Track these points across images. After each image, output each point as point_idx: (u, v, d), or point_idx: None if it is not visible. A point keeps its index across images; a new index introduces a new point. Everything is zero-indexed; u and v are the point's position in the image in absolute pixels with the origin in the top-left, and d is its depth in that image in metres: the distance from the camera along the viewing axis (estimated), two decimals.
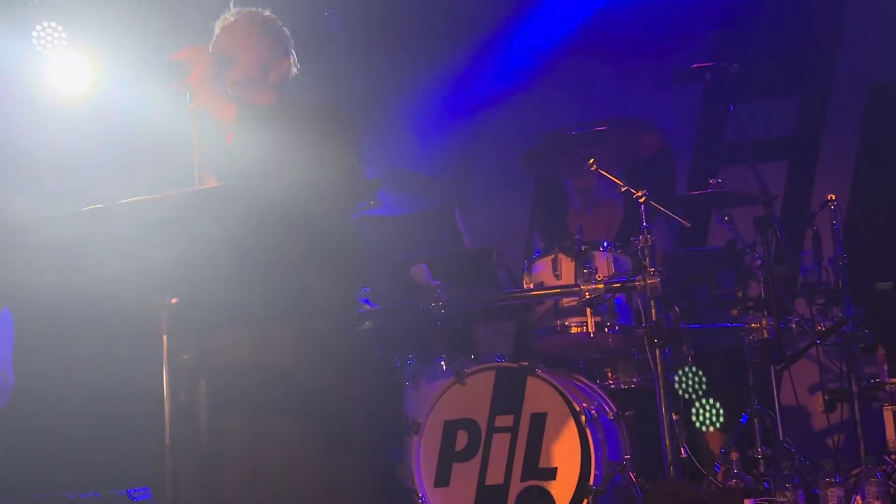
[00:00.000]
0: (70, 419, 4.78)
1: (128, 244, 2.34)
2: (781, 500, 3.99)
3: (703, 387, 4.59)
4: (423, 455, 4.30)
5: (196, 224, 2.33)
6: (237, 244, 2.43)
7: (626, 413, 4.37)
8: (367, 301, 4.83)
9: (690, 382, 4.54)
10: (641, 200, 4.25)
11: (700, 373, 4.56)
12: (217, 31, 3.36)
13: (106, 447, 4.78)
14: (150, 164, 3.58)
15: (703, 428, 4.65)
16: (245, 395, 3.01)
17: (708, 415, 4.67)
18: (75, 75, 4.95)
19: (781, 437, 4.35)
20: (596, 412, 4.20)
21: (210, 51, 3.15)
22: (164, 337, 2.44)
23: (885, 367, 4.80)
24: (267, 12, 3.42)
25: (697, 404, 4.58)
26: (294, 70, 3.38)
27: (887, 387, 4.74)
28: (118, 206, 2.32)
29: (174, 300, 2.41)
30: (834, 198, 4.72)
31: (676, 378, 4.45)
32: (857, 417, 4.57)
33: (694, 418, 4.57)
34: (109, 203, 2.32)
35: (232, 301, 2.62)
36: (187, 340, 2.66)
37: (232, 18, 3.36)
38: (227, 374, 2.92)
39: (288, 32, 3.42)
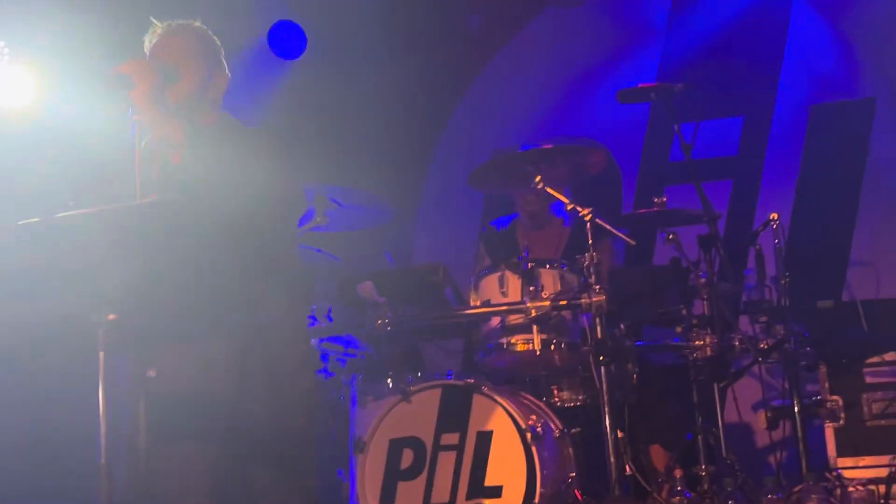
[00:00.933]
0: (6, 435, 4.69)
1: (65, 258, 2.30)
2: None
3: (648, 404, 4.61)
4: (369, 474, 4.27)
5: (136, 238, 2.30)
6: (180, 259, 2.40)
7: (572, 430, 4.37)
8: (312, 318, 4.80)
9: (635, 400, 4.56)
10: (587, 219, 4.27)
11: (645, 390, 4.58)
12: (149, 43, 3.30)
13: (43, 466, 4.69)
14: (92, 178, 3.53)
15: (648, 445, 4.67)
16: (187, 415, 2.96)
17: (652, 432, 4.69)
18: (18, 90, 4.89)
19: (725, 454, 4.38)
20: (542, 430, 4.20)
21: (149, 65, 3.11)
22: (101, 354, 2.40)
23: (827, 385, 4.87)
24: (197, 23, 3.38)
25: (642, 422, 4.59)
26: (226, 85, 3.34)
27: (828, 404, 4.80)
28: (55, 219, 2.29)
29: (112, 316, 2.37)
30: (777, 217, 4.77)
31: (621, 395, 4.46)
32: (799, 434, 4.62)
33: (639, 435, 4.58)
34: (47, 216, 2.28)
35: (175, 317, 2.59)
36: (127, 358, 2.62)
37: (164, 31, 3.30)
38: (169, 393, 2.87)
39: (218, 43, 3.39)
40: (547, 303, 4.23)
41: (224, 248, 2.64)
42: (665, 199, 4.67)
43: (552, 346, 4.34)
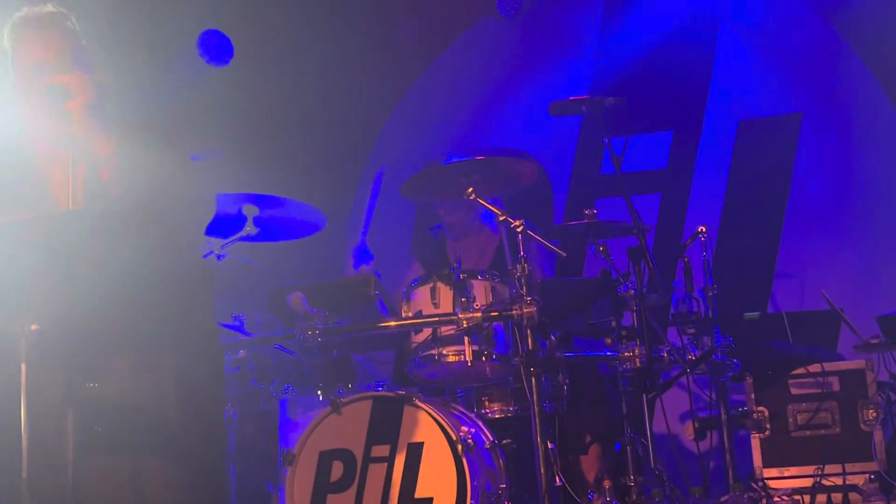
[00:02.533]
0: None
1: None
2: None
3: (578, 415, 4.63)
4: (298, 486, 4.23)
5: (60, 247, 2.25)
6: (104, 266, 2.35)
7: (503, 442, 4.38)
8: (241, 329, 4.75)
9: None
10: (519, 230, 4.28)
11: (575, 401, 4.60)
12: (15, 34, 3.15)
13: None
14: (17, 186, 3.45)
15: (578, 456, 4.69)
16: (112, 428, 2.90)
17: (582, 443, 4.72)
18: None
19: (653, 465, 4.42)
20: (473, 441, 4.20)
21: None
22: (23, 365, 2.34)
23: (753, 396, 4.94)
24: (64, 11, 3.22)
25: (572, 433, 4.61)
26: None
27: (754, 415, 4.88)
28: None
29: (34, 326, 2.32)
30: (705, 230, 4.84)
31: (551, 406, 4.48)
32: (726, 445, 4.68)
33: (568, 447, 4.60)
34: None
35: (97, 328, 2.54)
36: (50, 370, 2.56)
37: (37, 21, 3.14)
38: (93, 406, 2.82)
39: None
40: (478, 314, 4.23)
41: (143, 254, 2.59)
42: (595, 212, 4.70)
43: (483, 358, 4.34)
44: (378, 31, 6.75)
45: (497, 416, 4.57)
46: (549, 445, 4.12)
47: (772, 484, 4.76)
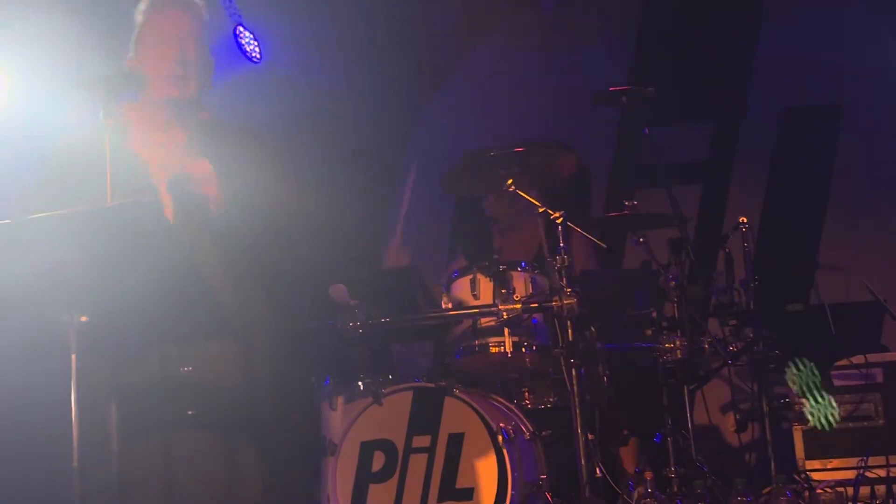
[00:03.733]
0: None
1: (38, 259, 2.28)
2: None
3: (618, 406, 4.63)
4: (340, 476, 4.26)
5: (109, 239, 2.29)
6: (154, 261, 2.38)
7: (543, 433, 4.38)
8: None
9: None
10: (559, 221, 4.28)
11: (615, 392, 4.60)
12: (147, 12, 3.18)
13: (14, 470, 4.64)
14: (64, 180, 3.50)
15: (618, 447, 4.69)
16: (156, 414, 2.94)
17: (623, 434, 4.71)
18: None
19: (694, 457, 4.41)
20: (513, 432, 4.21)
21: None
22: (73, 356, 2.38)
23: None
24: None
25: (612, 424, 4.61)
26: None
27: (796, 407, 4.84)
28: (28, 220, 2.27)
29: (84, 318, 2.35)
30: (746, 220, 4.80)
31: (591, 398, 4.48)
32: (768, 437, 4.65)
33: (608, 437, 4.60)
34: (19, 218, 2.26)
35: (146, 320, 2.57)
36: (98, 360, 2.60)
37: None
38: (139, 393, 2.86)
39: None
40: (518, 305, 4.24)
41: (206, 250, 2.62)
42: (635, 203, 4.69)
43: (523, 349, 4.35)
44: (415, 23, 6.75)
45: (537, 408, 4.58)
46: (590, 436, 4.12)
47: (814, 476, 4.73)
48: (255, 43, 5.86)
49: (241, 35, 5.81)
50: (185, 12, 3.16)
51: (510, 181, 4.47)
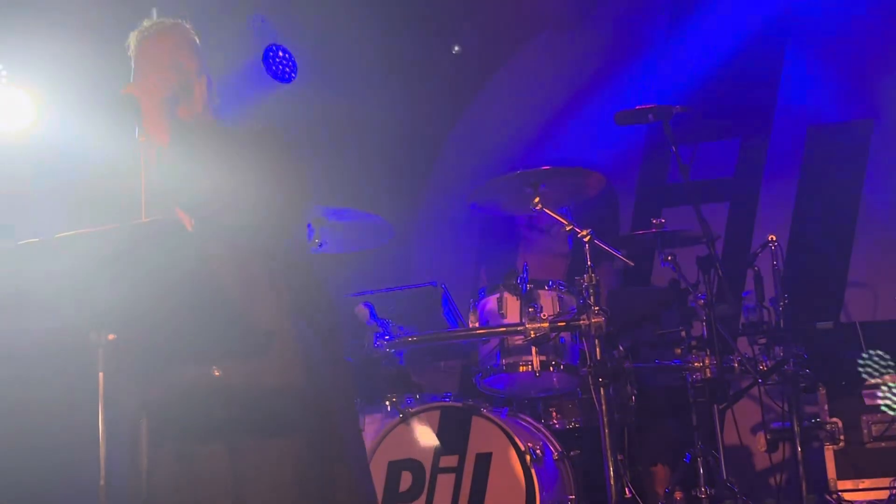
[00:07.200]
0: (6, 456, 4.66)
1: (65, 278, 2.29)
2: None
3: (647, 426, 4.60)
4: None
5: (137, 258, 2.29)
6: (182, 278, 2.38)
7: (571, 453, 4.36)
8: None
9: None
10: (586, 240, 4.26)
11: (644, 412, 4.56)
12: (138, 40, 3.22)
13: (43, 485, 4.66)
14: (93, 198, 3.51)
15: (648, 467, 4.65)
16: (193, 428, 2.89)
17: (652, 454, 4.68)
18: (16, 112, 4.89)
19: (724, 477, 4.36)
20: (541, 452, 4.18)
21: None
22: (101, 374, 2.38)
23: (826, 407, 4.85)
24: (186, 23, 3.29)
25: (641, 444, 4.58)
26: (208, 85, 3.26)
27: (828, 426, 4.79)
28: (55, 239, 2.28)
29: (111, 336, 2.36)
30: (774, 238, 4.77)
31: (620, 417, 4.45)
32: (799, 457, 4.60)
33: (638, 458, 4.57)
34: (47, 237, 2.27)
35: (176, 338, 2.57)
36: (127, 378, 2.60)
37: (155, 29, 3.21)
38: (166, 412, 2.84)
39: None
40: (546, 324, 4.22)
41: (225, 264, 2.60)
42: (663, 221, 4.66)
43: (551, 368, 4.33)
44: (441, 44, 6.76)
45: (565, 427, 4.55)
46: (619, 457, 4.09)
47: (846, 496, 4.68)
48: (289, 62, 5.89)
49: (274, 55, 5.84)
50: (170, 34, 3.21)
51: (537, 199, 4.46)
